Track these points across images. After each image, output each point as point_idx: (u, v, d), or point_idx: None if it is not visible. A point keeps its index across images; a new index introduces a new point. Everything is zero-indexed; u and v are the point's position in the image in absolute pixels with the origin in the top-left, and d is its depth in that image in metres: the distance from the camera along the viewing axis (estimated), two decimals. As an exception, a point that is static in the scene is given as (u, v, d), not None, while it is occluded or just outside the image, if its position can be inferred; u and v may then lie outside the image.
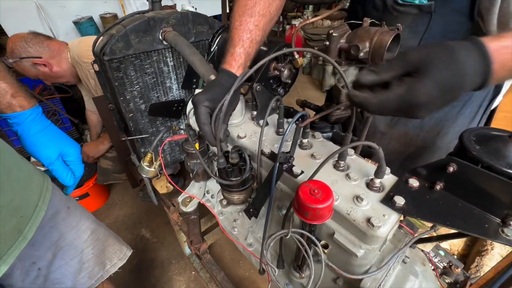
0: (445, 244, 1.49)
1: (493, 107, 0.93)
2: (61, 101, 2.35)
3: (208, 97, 0.62)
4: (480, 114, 0.90)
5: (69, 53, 1.65)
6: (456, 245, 1.51)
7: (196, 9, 2.93)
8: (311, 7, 5.27)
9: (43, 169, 0.79)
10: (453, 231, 0.54)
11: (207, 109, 0.61)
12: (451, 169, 0.52)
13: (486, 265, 1.28)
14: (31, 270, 0.73)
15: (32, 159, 2.22)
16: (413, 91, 0.41)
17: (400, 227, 0.71)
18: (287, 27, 5.55)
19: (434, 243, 0.83)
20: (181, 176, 2.30)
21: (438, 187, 0.55)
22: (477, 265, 1.33)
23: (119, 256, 0.98)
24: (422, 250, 0.81)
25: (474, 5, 0.66)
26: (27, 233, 0.65)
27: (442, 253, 1.25)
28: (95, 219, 0.95)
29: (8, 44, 1.57)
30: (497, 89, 0.86)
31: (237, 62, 0.65)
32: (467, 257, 1.45)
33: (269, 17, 0.68)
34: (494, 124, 1.90)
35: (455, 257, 1.49)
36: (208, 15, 1.14)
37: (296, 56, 0.71)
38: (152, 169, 0.81)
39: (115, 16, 2.71)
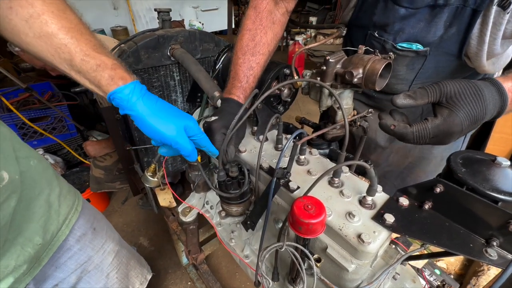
0: (442, 263, 1.49)
1: None
2: (68, 108, 2.42)
3: (224, 124, 0.69)
4: None
5: None
6: (453, 264, 1.51)
7: (203, 24, 3.04)
8: (313, 24, 5.44)
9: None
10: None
11: (223, 135, 0.68)
12: (438, 189, 0.55)
13: (482, 286, 1.28)
14: None
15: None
16: (449, 122, 0.52)
17: (395, 244, 0.73)
18: (291, 42, 5.71)
19: (426, 260, 0.85)
20: (179, 184, 2.33)
21: (426, 206, 0.58)
22: (474, 285, 1.32)
23: (140, 280, 0.97)
24: (418, 269, 0.83)
25: (462, 49, 0.74)
26: (42, 259, 0.66)
27: (437, 271, 1.25)
28: (119, 237, 0.93)
29: None
30: None
31: (244, 95, 0.74)
32: (464, 276, 1.44)
33: (268, 55, 0.78)
34: (490, 144, 1.92)
35: (452, 276, 1.49)
36: (215, 30, 1.21)
37: (296, 77, 0.76)
38: (155, 179, 0.85)
39: (125, 29, 2.82)
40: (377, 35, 0.80)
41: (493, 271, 1.31)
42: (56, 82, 2.65)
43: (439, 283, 0.95)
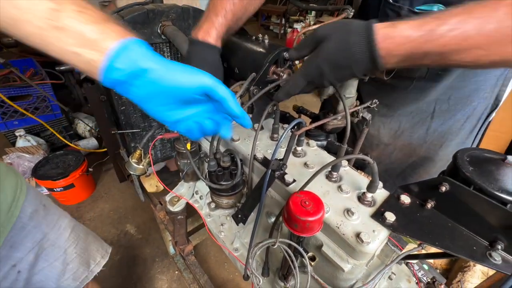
0: (432, 259, 1.51)
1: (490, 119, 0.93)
2: (52, 88, 2.28)
3: None
4: (478, 127, 0.91)
5: None
6: (440, 259, 1.52)
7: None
8: (313, 12, 5.30)
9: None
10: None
11: None
12: (443, 188, 0.51)
13: (468, 281, 1.30)
14: (11, 273, 0.68)
15: (18, 144, 2.14)
16: (307, 66, 0.50)
17: (387, 240, 0.71)
18: (289, 30, 5.57)
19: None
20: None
21: (429, 205, 0.54)
22: (459, 281, 1.34)
23: (101, 253, 0.94)
24: (407, 263, 0.81)
25: None
26: None
27: (426, 267, 1.26)
28: (70, 216, 0.90)
29: None
30: (496, 102, 0.86)
31: (217, 32, 0.62)
32: (450, 272, 1.47)
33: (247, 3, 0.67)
34: (484, 142, 1.93)
35: (438, 271, 1.51)
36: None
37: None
38: (141, 166, 0.79)
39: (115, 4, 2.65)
40: (391, 1, 0.71)
41: (479, 267, 1.33)
42: (39, 59, 2.49)
43: (429, 280, 0.95)
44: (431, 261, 1.55)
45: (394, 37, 0.43)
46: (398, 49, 0.43)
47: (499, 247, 0.48)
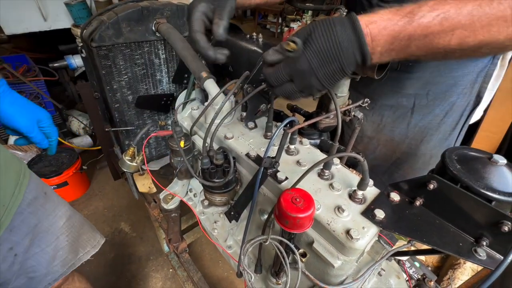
0: (420, 255, 1.53)
1: (473, 120, 0.95)
2: (46, 85, 2.26)
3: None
4: (461, 124, 0.93)
5: None
6: (431, 256, 1.55)
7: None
8: (310, 11, 5.31)
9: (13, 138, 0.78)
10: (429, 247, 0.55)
11: (202, 15, 0.61)
12: (431, 186, 0.52)
13: (458, 278, 1.32)
14: (8, 255, 0.71)
15: (10, 141, 2.12)
16: (298, 61, 0.47)
17: (379, 237, 0.72)
18: (285, 29, 5.58)
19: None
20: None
21: (417, 203, 0.55)
22: (449, 278, 1.37)
23: (92, 243, 0.96)
24: (399, 261, 0.83)
25: None
26: (4, 221, 0.66)
27: (417, 264, 1.28)
28: (70, 206, 0.92)
29: None
30: (478, 99, 0.89)
31: None
32: (441, 269, 1.49)
33: None
34: (475, 142, 1.95)
35: (430, 268, 1.54)
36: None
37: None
38: (134, 164, 0.79)
39: (109, 1, 2.62)
40: None
41: (469, 265, 1.35)
42: (32, 55, 2.46)
43: (419, 277, 0.96)
44: (423, 258, 1.57)
45: (377, 21, 0.43)
46: (382, 33, 0.42)
47: (484, 243, 0.49)
